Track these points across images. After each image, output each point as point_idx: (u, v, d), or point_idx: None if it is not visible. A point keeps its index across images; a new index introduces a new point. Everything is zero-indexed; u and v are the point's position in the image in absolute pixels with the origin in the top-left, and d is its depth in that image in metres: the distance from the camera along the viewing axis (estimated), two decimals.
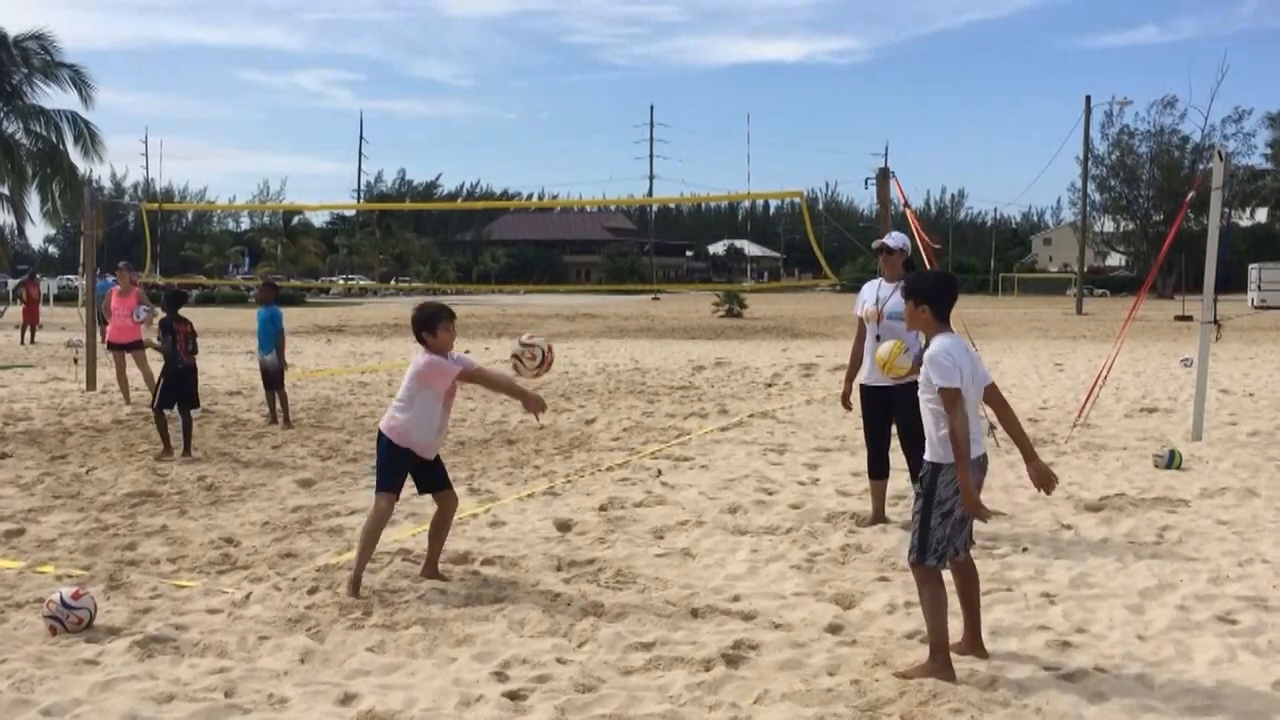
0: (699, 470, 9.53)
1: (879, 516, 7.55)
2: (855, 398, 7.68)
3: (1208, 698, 4.46)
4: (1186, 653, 4.99)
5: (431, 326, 5.97)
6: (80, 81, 43.95)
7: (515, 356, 6.20)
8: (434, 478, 6.14)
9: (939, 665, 4.62)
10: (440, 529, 6.17)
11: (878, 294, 7.45)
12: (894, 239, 7.55)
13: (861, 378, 7.53)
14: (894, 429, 7.51)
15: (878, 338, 7.29)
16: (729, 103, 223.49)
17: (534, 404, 5.95)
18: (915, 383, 7.22)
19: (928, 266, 11.24)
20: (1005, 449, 10.28)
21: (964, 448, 4.53)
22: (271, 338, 12.31)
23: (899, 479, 7.51)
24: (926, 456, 4.75)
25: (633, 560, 6.54)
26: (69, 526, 7.38)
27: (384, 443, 6.00)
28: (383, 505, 5.95)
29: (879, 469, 7.55)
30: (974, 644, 4.92)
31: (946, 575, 4.79)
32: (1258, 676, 4.70)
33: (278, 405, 12.27)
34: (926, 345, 4.94)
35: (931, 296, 4.83)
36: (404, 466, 6.00)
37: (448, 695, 4.49)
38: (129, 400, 13.84)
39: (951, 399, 4.59)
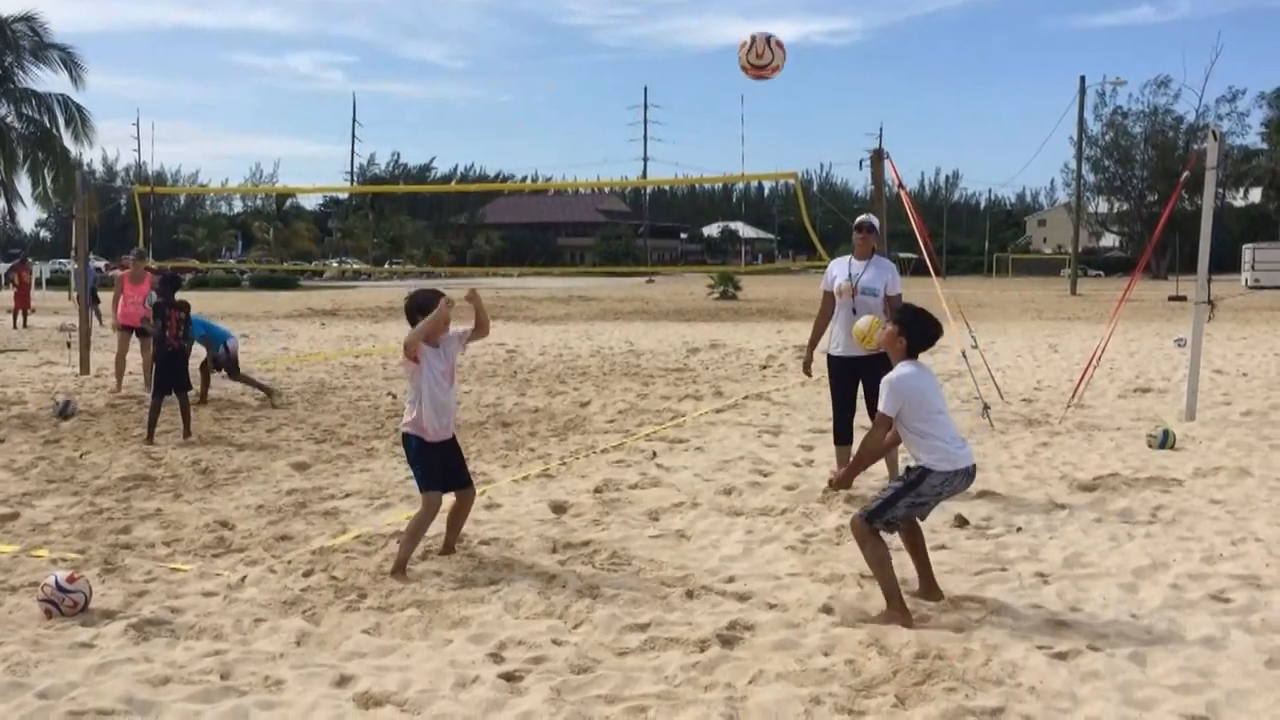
0: (694, 452, 9.53)
1: None
2: (817, 366, 8.27)
3: (1201, 676, 4.48)
4: (1180, 631, 5.00)
5: (427, 308, 5.99)
6: (70, 62, 43.79)
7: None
8: (456, 476, 6.16)
9: (896, 611, 5.10)
10: (457, 517, 6.26)
11: (849, 270, 7.85)
12: (875, 220, 8.02)
13: (832, 349, 7.94)
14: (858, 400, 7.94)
15: (853, 311, 7.70)
16: (723, 84, 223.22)
17: (470, 295, 6.17)
18: (882, 353, 7.59)
19: (923, 247, 11.25)
20: (999, 429, 10.30)
21: (866, 460, 5.44)
22: (205, 328, 12.44)
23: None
24: (920, 462, 5.22)
25: (628, 542, 6.55)
26: (63, 510, 7.36)
27: (411, 443, 6.05)
28: (432, 501, 5.99)
29: (845, 436, 7.98)
30: (929, 590, 5.40)
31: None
32: (1251, 655, 4.71)
33: (259, 380, 12.71)
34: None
35: (913, 333, 5.36)
36: (437, 459, 6.04)
37: (443, 676, 4.50)
38: (120, 385, 13.54)
39: (880, 421, 5.26)
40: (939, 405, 5.28)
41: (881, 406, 5.21)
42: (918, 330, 5.37)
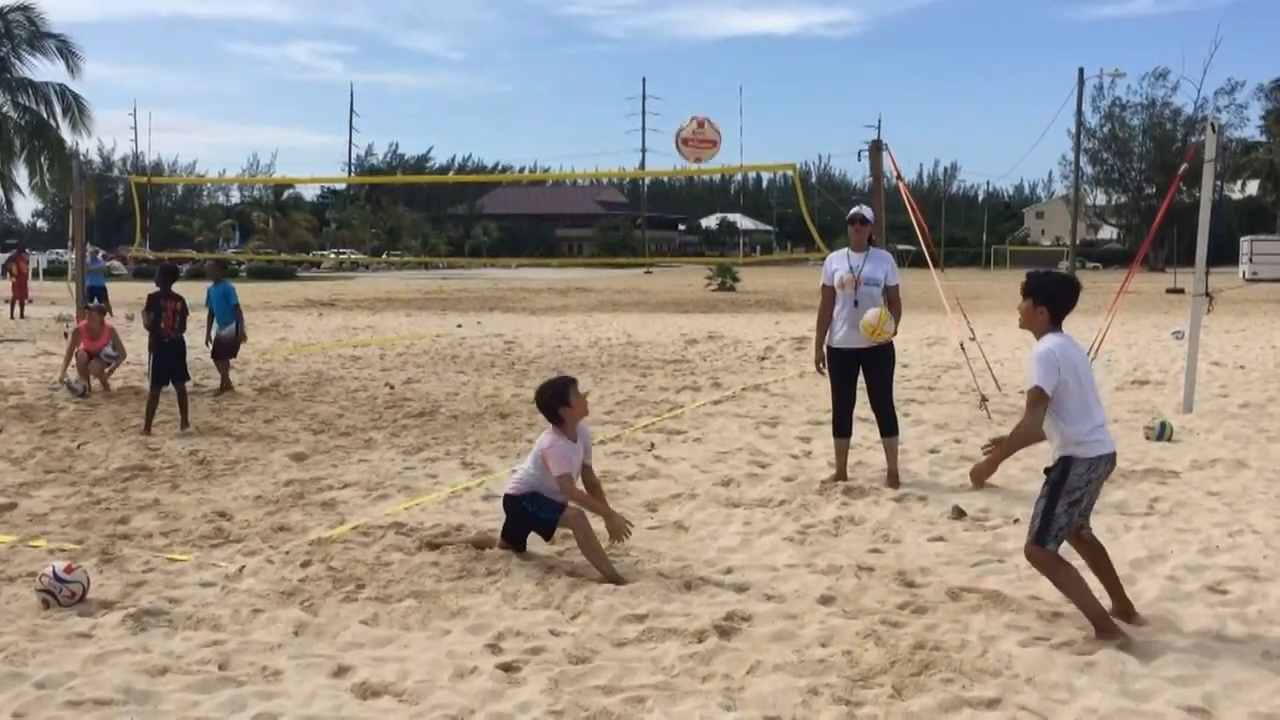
0: (692, 443, 9.53)
1: (841, 474, 7.91)
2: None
3: (1197, 667, 4.48)
4: (1177, 623, 5.01)
5: (565, 397, 6.00)
6: (67, 51, 43.49)
7: None
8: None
9: (1106, 634, 4.73)
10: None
11: (849, 263, 7.83)
12: (870, 211, 7.97)
13: (832, 340, 7.89)
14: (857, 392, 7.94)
15: (855, 303, 7.68)
16: (722, 75, 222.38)
17: (619, 527, 5.93)
18: (884, 344, 7.67)
19: (921, 239, 11.24)
20: (998, 421, 10.30)
21: (1018, 444, 4.96)
22: (229, 313, 13.01)
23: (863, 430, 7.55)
24: (1059, 451, 4.83)
25: None
26: (61, 501, 7.36)
27: (524, 501, 5.98)
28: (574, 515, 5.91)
29: (844, 428, 7.96)
30: (1125, 610, 5.02)
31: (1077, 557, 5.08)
32: (1247, 646, 4.72)
33: (230, 374, 12.85)
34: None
35: (1049, 297, 4.87)
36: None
37: (441, 667, 4.50)
38: (90, 383, 12.67)
39: (1034, 398, 4.73)
40: (1088, 383, 4.81)
41: (1036, 379, 4.68)
42: (1049, 291, 4.85)
